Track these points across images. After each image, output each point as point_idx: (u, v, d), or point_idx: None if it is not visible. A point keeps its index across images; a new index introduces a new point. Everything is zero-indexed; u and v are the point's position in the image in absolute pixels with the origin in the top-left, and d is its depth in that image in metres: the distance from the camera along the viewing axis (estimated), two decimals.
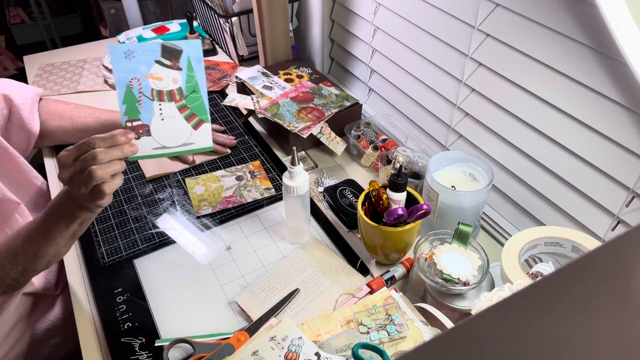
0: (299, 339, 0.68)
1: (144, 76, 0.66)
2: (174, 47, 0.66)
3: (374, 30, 1.12)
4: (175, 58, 0.67)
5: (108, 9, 1.76)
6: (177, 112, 0.69)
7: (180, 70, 0.67)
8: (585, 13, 0.66)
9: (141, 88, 0.66)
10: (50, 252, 0.71)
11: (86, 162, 0.62)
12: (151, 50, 0.65)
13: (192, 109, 0.69)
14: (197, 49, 0.67)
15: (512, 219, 0.90)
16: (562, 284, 0.26)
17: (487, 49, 0.83)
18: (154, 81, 0.66)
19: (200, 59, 0.68)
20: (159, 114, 0.68)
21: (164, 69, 0.67)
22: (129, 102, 0.66)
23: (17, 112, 0.95)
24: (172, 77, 0.67)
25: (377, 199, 0.78)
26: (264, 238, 0.88)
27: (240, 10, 1.32)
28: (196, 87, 0.69)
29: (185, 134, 0.70)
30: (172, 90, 0.68)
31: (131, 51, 0.64)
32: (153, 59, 0.66)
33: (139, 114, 0.67)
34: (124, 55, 0.64)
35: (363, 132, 1.08)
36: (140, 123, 0.67)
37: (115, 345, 0.71)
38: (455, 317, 0.71)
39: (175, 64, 0.67)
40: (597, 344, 0.25)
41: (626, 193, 0.69)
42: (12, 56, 2.74)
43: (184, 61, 0.67)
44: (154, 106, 0.67)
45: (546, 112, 0.76)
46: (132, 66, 0.65)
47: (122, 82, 0.65)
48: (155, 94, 0.67)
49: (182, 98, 0.68)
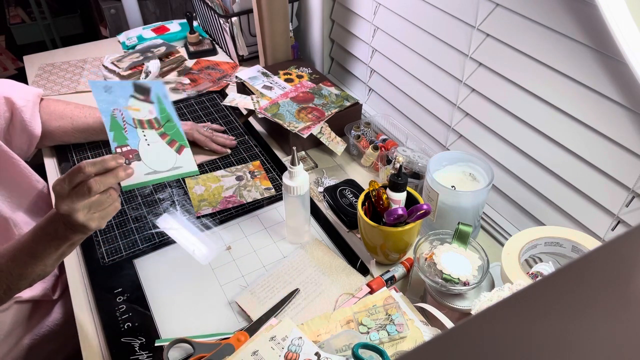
0: (299, 339, 0.68)
1: (124, 107, 0.72)
2: (143, 85, 0.74)
3: (374, 30, 1.12)
4: (147, 93, 0.74)
5: (108, 9, 1.76)
6: (159, 138, 0.75)
7: (153, 103, 0.74)
8: (585, 13, 0.66)
9: (124, 117, 0.72)
10: (36, 272, 0.69)
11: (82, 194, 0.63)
12: (126, 87, 0.72)
13: (171, 135, 0.75)
14: (161, 88, 0.75)
15: (512, 219, 0.90)
16: (562, 284, 0.26)
17: (487, 49, 0.83)
18: (133, 112, 0.72)
19: (165, 95, 0.75)
20: (144, 140, 0.73)
21: (139, 102, 0.73)
22: (115, 129, 0.71)
23: (19, 115, 0.95)
24: (147, 109, 0.74)
25: (377, 199, 0.78)
26: (264, 238, 0.88)
27: (240, 10, 1.32)
28: (169, 117, 0.75)
29: (171, 158, 0.76)
30: (150, 120, 0.74)
31: (109, 87, 0.71)
32: (129, 94, 0.72)
33: (126, 139, 0.71)
34: (104, 90, 0.71)
35: (363, 132, 1.08)
36: (129, 148, 0.72)
37: (115, 346, 0.71)
38: (455, 317, 0.71)
39: (147, 98, 0.74)
40: (597, 344, 0.25)
41: (626, 193, 0.69)
42: (12, 56, 2.74)
43: (154, 96, 0.74)
44: (139, 132, 0.73)
45: (546, 112, 0.76)
46: (112, 99, 0.71)
47: (106, 111, 0.71)
48: (137, 122, 0.73)
49: (160, 126, 0.75)
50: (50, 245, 0.67)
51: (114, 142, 0.70)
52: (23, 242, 0.69)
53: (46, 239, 0.67)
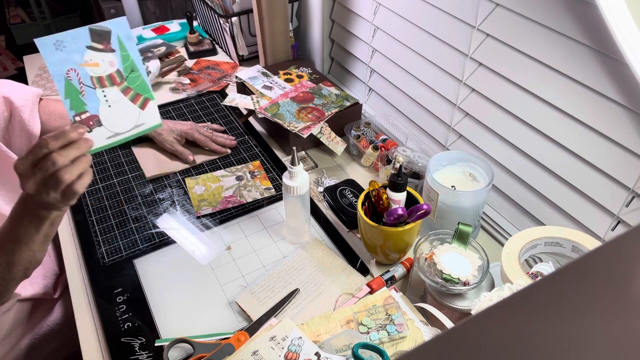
0: (299, 339, 0.68)
1: (79, 65, 0.62)
2: (102, 29, 0.63)
3: (374, 30, 1.12)
4: (106, 40, 0.64)
5: (108, 9, 1.76)
6: (122, 95, 0.66)
7: (114, 51, 0.65)
8: (585, 13, 0.66)
9: (80, 78, 0.63)
10: (25, 258, 0.68)
11: (47, 169, 0.60)
12: (80, 37, 0.62)
13: (135, 89, 0.67)
14: (124, 27, 0.65)
15: (512, 219, 0.90)
16: (562, 284, 0.26)
17: (487, 49, 0.83)
18: (90, 68, 0.63)
19: (130, 36, 0.65)
20: (105, 101, 0.65)
21: (98, 54, 0.63)
22: (71, 95, 0.63)
23: (18, 115, 0.95)
24: (108, 61, 0.64)
25: (377, 199, 0.78)
26: (264, 238, 0.88)
27: (240, 10, 1.32)
28: (134, 66, 0.66)
29: (134, 116, 0.68)
30: (111, 74, 0.65)
31: (60, 41, 0.60)
32: (84, 45, 0.62)
33: (84, 105, 0.64)
34: (54, 47, 0.60)
35: (363, 132, 1.08)
36: (88, 115, 0.65)
37: (115, 346, 0.71)
38: (455, 317, 0.71)
39: (108, 46, 0.64)
40: (598, 344, 0.25)
41: (626, 193, 0.69)
42: (12, 56, 2.74)
43: (115, 41, 0.64)
44: (98, 94, 0.64)
45: (546, 112, 0.76)
46: (64, 57, 0.61)
47: (59, 75, 0.62)
48: (96, 81, 0.64)
49: (123, 80, 0.66)
50: (29, 228, 0.65)
51: (72, 110, 0.63)
52: (3, 229, 0.67)
53: (24, 222, 0.65)
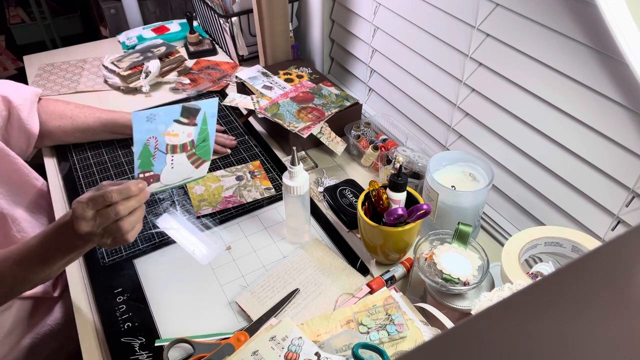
0: (299, 339, 0.68)
1: (161, 135, 0.67)
2: (193, 107, 0.69)
3: (374, 30, 1.12)
4: (193, 116, 0.69)
5: (108, 9, 1.76)
6: (186, 159, 0.72)
7: (196, 125, 0.70)
8: (585, 13, 0.66)
9: (157, 145, 0.67)
10: (41, 277, 0.69)
11: (108, 217, 0.63)
12: (172, 112, 0.67)
13: (199, 154, 0.73)
14: (213, 107, 0.71)
15: (512, 219, 0.90)
16: (562, 284, 0.26)
17: (487, 49, 0.83)
18: (170, 138, 0.68)
19: (214, 114, 0.71)
20: (170, 164, 0.70)
21: (181, 127, 0.69)
22: (144, 157, 0.67)
23: (17, 113, 0.95)
24: (187, 133, 0.70)
25: (377, 199, 0.78)
26: (264, 238, 0.88)
27: (240, 10, 1.32)
28: (206, 137, 0.72)
29: (187, 173, 0.74)
30: (185, 143, 0.70)
31: (153, 115, 0.66)
32: (172, 119, 0.68)
33: (152, 166, 0.69)
34: (146, 119, 0.65)
35: (363, 132, 1.08)
36: (152, 174, 0.69)
37: (115, 345, 0.71)
38: (455, 317, 0.71)
39: (192, 121, 0.69)
40: (598, 344, 0.25)
41: (626, 193, 0.69)
42: (12, 56, 2.74)
43: (200, 118, 0.70)
44: (167, 159, 0.69)
45: (546, 112, 0.76)
46: (152, 127, 0.66)
47: (141, 142, 0.66)
48: (170, 148, 0.69)
49: (193, 148, 0.71)
50: (58, 254, 0.67)
51: (139, 168, 0.68)
52: (30, 247, 0.68)
53: (57, 248, 0.67)
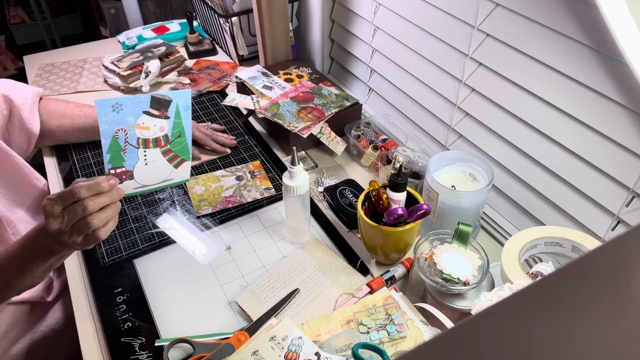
0: (299, 339, 0.68)
1: (130, 127, 0.65)
2: (163, 98, 0.66)
3: (374, 30, 1.12)
4: (164, 108, 0.67)
5: (108, 9, 1.76)
6: (161, 155, 0.69)
7: (168, 119, 0.67)
8: (585, 13, 0.66)
9: (127, 138, 0.65)
10: (24, 282, 0.70)
11: (76, 213, 0.61)
12: (140, 102, 0.65)
13: (176, 151, 0.70)
14: (186, 98, 0.68)
15: (512, 219, 0.90)
16: (562, 284, 0.26)
17: (487, 49, 0.83)
18: (140, 130, 0.66)
19: (188, 106, 0.68)
20: (144, 160, 0.68)
21: (152, 119, 0.66)
22: (113, 151, 0.65)
23: (18, 113, 0.95)
24: (159, 126, 0.67)
25: (377, 199, 0.78)
26: (264, 238, 0.88)
27: (240, 10, 1.32)
28: (182, 132, 0.69)
29: (166, 173, 0.71)
30: (158, 138, 0.68)
31: (119, 104, 0.63)
32: (141, 110, 0.65)
33: (123, 161, 0.66)
34: (112, 109, 0.63)
35: (363, 132, 1.08)
36: (124, 170, 0.67)
37: (115, 345, 0.71)
38: (455, 317, 0.71)
39: (164, 114, 0.67)
40: (597, 344, 0.25)
41: (626, 193, 0.69)
42: (12, 56, 2.74)
43: (172, 110, 0.67)
44: (139, 153, 0.67)
45: (546, 112, 0.76)
46: (119, 118, 0.64)
47: (108, 133, 0.64)
48: (141, 142, 0.67)
49: (167, 143, 0.69)
50: (38, 258, 0.67)
51: (109, 163, 0.66)
52: (11, 252, 0.68)
53: (35, 251, 0.67)
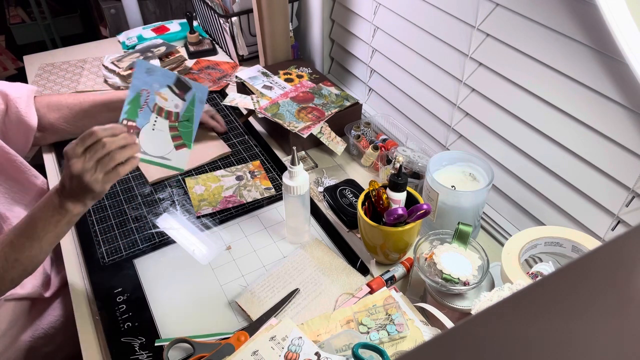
0: (299, 338, 0.68)
1: (154, 92, 0.75)
2: (186, 82, 0.76)
3: (374, 30, 1.12)
4: (184, 91, 0.77)
5: (108, 8, 1.76)
6: (167, 129, 0.77)
7: (184, 101, 0.77)
8: (585, 13, 0.66)
9: (147, 99, 0.74)
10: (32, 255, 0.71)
11: (97, 150, 0.67)
12: (168, 76, 0.75)
13: (180, 133, 0.78)
14: (204, 93, 0.77)
15: (512, 219, 0.90)
16: (562, 284, 0.26)
17: (487, 49, 0.83)
18: (160, 98, 0.75)
19: (203, 100, 0.77)
20: (152, 124, 0.75)
21: (172, 94, 0.76)
22: (132, 104, 0.73)
23: (14, 106, 0.96)
24: (175, 102, 0.76)
25: (377, 199, 0.78)
26: (264, 238, 0.88)
27: (240, 10, 1.32)
28: (191, 118, 0.78)
29: (165, 150, 0.77)
30: (170, 111, 0.76)
31: (153, 69, 0.74)
32: (166, 83, 0.75)
33: (136, 117, 0.74)
34: (146, 70, 0.74)
35: (363, 132, 1.08)
36: (134, 125, 0.74)
37: (115, 345, 0.71)
38: (455, 317, 0.71)
39: (182, 95, 0.77)
40: (597, 344, 0.25)
41: (626, 193, 0.69)
42: (12, 56, 2.74)
43: (189, 96, 0.77)
44: (151, 117, 0.75)
45: (546, 112, 0.76)
46: (149, 80, 0.74)
47: (136, 87, 0.73)
48: (157, 108, 0.75)
49: (176, 121, 0.77)
50: (49, 222, 0.69)
51: (125, 114, 0.73)
52: (20, 226, 0.71)
53: (45, 216, 0.69)
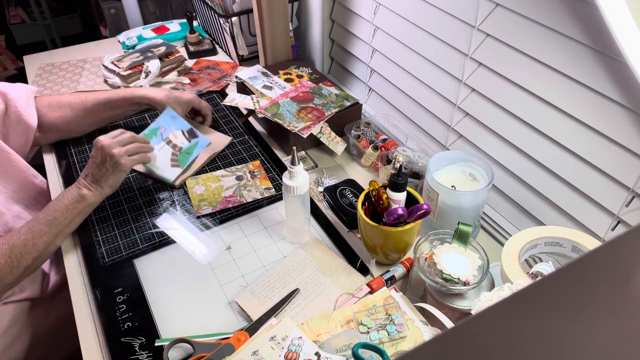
0: (299, 338, 0.68)
1: (170, 130, 1.00)
2: (195, 133, 1.03)
3: (374, 30, 1.12)
4: (192, 137, 1.03)
5: (108, 8, 1.76)
6: (169, 155, 0.99)
7: (189, 142, 1.02)
8: (585, 13, 0.66)
9: (162, 132, 0.99)
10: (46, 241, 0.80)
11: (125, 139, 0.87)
12: (184, 125, 1.02)
13: (178, 159, 1.00)
14: (204, 143, 1.04)
15: (512, 219, 0.90)
16: (562, 284, 0.26)
17: (487, 49, 0.83)
18: (172, 135, 1.00)
19: (203, 146, 1.03)
20: (160, 148, 0.98)
21: (182, 136, 1.02)
22: (151, 132, 0.98)
23: (14, 105, 0.96)
24: (182, 141, 1.02)
25: (377, 199, 0.78)
26: (264, 238, 0.88)
27: (240, 10, 1.31)
28: (190, 153, 1.02)
29: (163, 165, 0.98)
30: (176, 144, 1.01)
31: (176, 117, 1.01)
32: (181, 129, 1.02)
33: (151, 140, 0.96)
34: (171, 117, 1.01)
35: (363, 132, 1.08)
36: None
37: (115, 345, 0.71)
38: (455, 317, 0.71)
39: (189, 139, 1.02)
40: (597, 344, 0.25)
41: (626, 193, 0.69)
42: (12, 56, 2.73)
43: (194, 141, 1.03)
44: (161, 143, 0.99)
45: (546, 112, 0.76)
46: (169, 122, 1.00)
47: (158, 124, 0.99)
48: (167, 140, 1.00)
49: (178, 153, 1.00)
50: (68, 210, 0.82)
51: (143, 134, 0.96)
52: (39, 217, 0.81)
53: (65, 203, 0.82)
